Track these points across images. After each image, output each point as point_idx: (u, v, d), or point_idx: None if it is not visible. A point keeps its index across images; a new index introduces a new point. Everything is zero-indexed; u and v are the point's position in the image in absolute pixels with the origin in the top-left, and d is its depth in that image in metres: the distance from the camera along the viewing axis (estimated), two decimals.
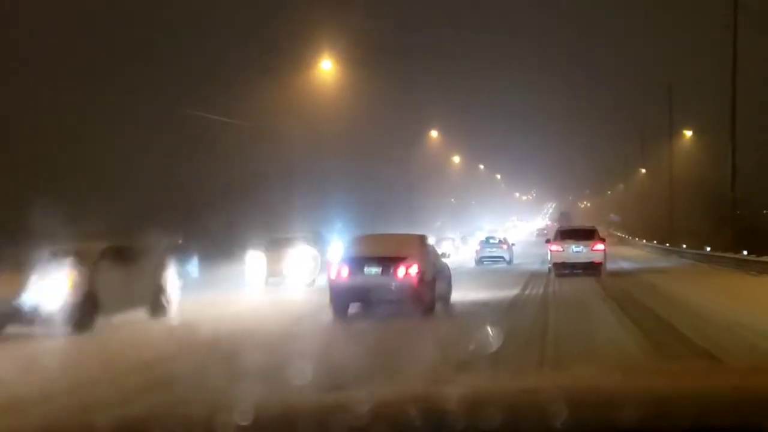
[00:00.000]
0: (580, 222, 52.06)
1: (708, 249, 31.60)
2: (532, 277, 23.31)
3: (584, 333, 11.04)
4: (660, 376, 2.05)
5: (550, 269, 23.66)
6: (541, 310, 14.52)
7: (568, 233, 24.55)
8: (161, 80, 25.63)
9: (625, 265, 30.88)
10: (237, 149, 27.04)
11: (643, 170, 60.20)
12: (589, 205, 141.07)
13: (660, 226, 46.73)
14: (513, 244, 34.91)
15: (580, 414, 1.40)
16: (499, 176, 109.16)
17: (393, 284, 13.04)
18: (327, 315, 13.26)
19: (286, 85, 27.15)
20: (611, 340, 10.26)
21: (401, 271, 13.10)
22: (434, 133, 52.39)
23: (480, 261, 31.98)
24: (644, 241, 50.49)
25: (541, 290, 18.93)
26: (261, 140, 26.91)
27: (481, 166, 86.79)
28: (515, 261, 32.69)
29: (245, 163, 27.78)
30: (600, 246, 23.28)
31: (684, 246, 36.41)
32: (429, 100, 56.84)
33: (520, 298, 16.66)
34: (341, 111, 30.97)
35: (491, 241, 34.15)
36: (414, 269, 13.10)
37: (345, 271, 13.51)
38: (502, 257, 32.57)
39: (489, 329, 10.37)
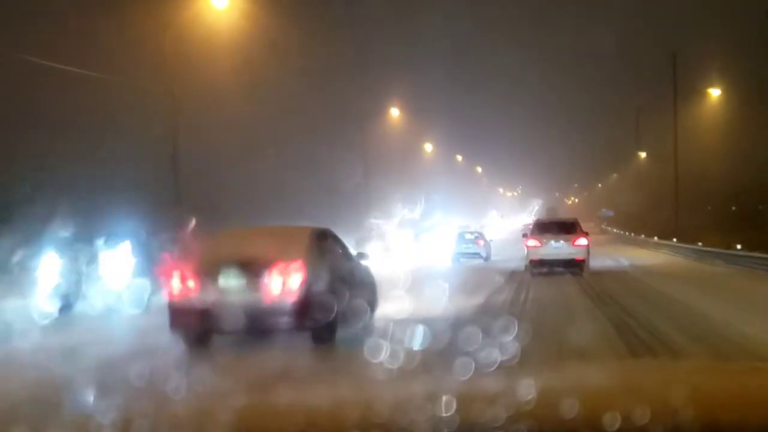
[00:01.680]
0: (572, 219, 46.50)
1: None
2: (507, 277, 21.45)
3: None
4: (656, 375, 2.07)
5: (526, 267, 22.64)
6: (505, 339, 9.77)
7: (546, 226, 23.70)
8: None
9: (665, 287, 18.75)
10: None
11: (643, 154, 55.31)
12: (577, 201, 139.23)
13: (664, 220, 42.27)
14: (491, 240, 34.25)
15: (570, 414, 1.43)
16: (480, 169, 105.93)
17: (262, 302, 9.57)
18: None
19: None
20: None
21: (276, 282, 9.62)
22: (395, 111, 47.19)
23: (456, 258, 31.25)
24: (655, 238, 41.37)
25: (510, 297, 16.25)
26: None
27: (459, 157, 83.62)
28: (493, 258, 31.85)
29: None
30: (582, 241, 22.38)
31: (738, 246, 25.56)
32: (400, 78, 51.88)
33: (478, 313, 13.10)
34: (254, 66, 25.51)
35: (467, 237, 33.21)
36: (296, 278, 9.63)
37: (192, 283, 9.85)
38: (478, 254, 31.77)
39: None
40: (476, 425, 1.41)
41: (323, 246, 11.01)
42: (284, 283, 9.64)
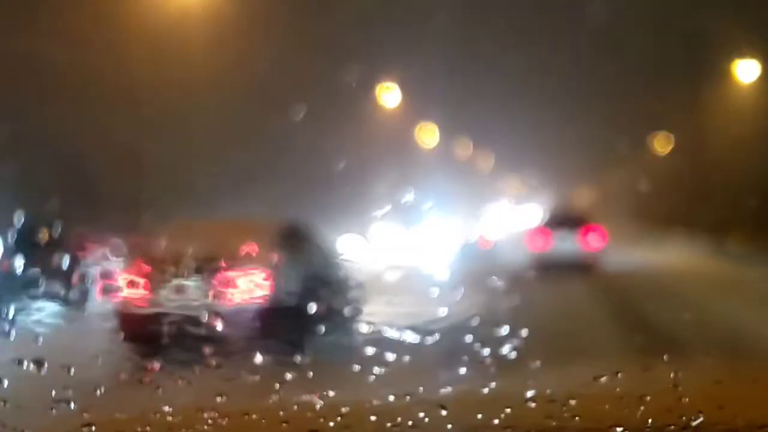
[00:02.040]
0: (584, 214, 45.91)
1: None
2: (509, 278, 19.34)
3: None
4: (661, 377, 2.05)
5: (531, 267, 21.05)
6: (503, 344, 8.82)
7: (554, 221, 22.93)
8: None
9: None
10: None
11: (659, 141, 54.58)
12: (589, 194, 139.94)
13: (675, 213, 41.06)
14: (496, 237, 32.91)
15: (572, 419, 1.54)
16: (488, 157, 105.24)
17: (223, 307, 9.10)
18: None
19: None
20: None
21: (238, 285, 9.32)
22: (391, 88, 45.95)
23: (457, 256, 28.83)
24: (676, 235, 38.82)
25: (511, 301, 14.26)
26: None
27: (465, 143, 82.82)
28: (498, 257, 29.41)
29: None
30: (596, 238, 21.42)
31: None
32: (400, 56, 50.43)
33: (474, 317, 11.22)
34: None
35: (469, 233, 31.74)
36: (261, 279, 9.42)
37: (142, 285, 9.50)
38: (481, 252, 30.05)
39: None
40: (472, 428, 1.48)
41: (294, 242, 10.67)
42: (248, 286, 9.32)
